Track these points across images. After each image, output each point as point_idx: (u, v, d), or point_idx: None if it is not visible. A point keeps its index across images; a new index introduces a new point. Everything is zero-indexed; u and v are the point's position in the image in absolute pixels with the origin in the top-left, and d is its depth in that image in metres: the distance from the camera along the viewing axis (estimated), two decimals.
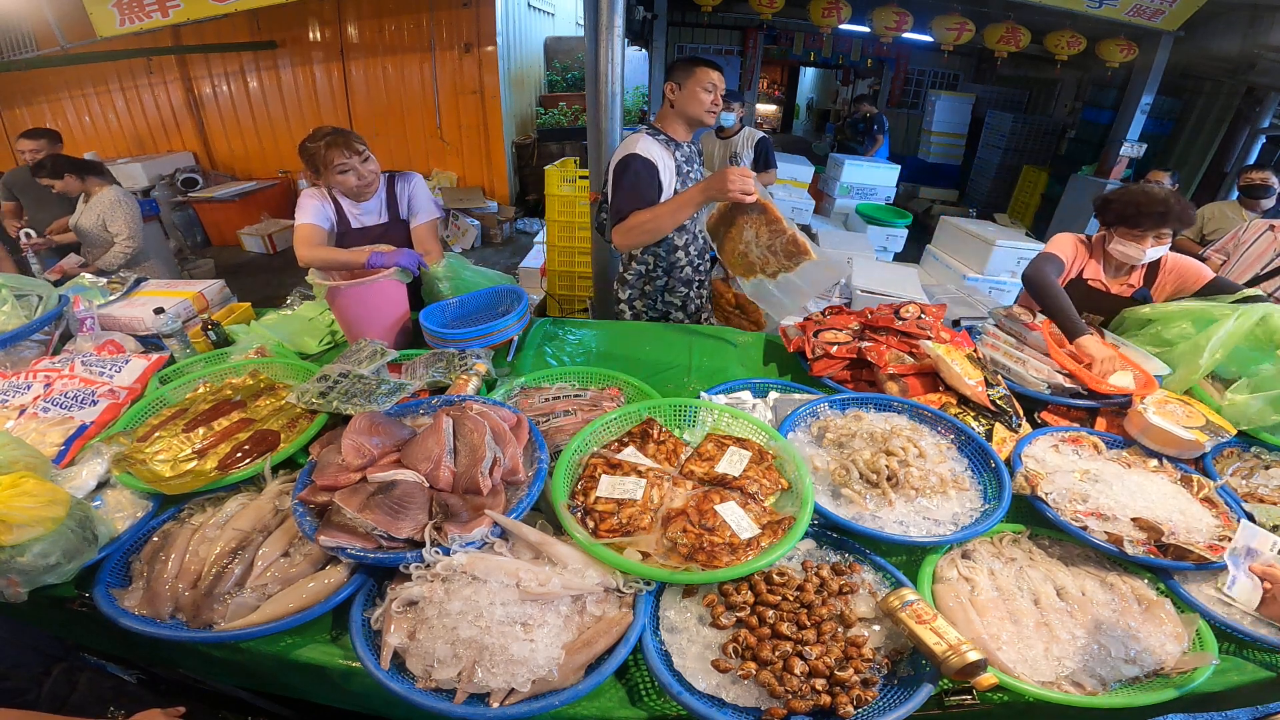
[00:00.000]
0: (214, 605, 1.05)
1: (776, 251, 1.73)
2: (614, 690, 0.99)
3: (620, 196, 2.00)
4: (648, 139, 2.04)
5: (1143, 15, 5.11)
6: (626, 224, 1.93)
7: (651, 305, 2.32)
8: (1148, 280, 2.10)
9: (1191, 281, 2.03)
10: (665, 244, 2.21)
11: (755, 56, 7.80)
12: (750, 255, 1.78)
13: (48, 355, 1.77)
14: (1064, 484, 1.32)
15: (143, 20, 4.74)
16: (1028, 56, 6.09)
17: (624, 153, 2.02)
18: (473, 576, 1.01)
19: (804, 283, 1.72)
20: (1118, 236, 2.01)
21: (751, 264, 1.79)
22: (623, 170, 2.00)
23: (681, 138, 2.14)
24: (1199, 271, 2.03)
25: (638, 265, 2.27)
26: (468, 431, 1.22)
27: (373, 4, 6.60)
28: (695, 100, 2.03)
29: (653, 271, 2.26)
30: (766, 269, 1.76)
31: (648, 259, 2.24)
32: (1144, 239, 1.96)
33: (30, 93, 7.08)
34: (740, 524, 1.11)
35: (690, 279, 2.33)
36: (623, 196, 1.98)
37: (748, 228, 1.78)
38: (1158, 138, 6.49)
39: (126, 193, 3.25)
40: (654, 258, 2.24)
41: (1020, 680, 0.97)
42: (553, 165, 4.39)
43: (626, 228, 1.93)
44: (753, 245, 1.77)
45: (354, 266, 1.98)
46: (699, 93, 2.02)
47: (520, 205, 7.56)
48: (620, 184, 2.01)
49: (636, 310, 2.34)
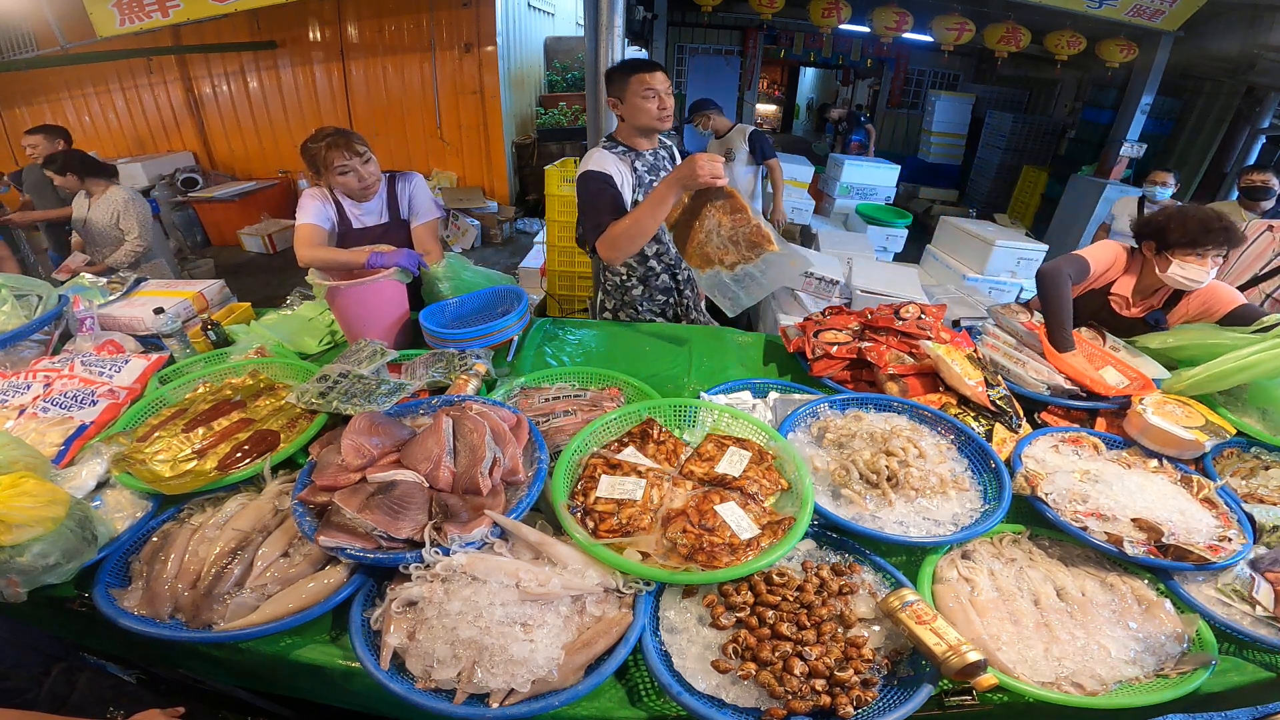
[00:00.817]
0: (213, 605, 1.05)
1: (738, 242, 1.67)
2: (614, 690, 0.99)
3: (587, 215, 1.96)
4: (602, 152, 2.01)
5: (1143, 15, 5.12)
6: (608, 235, 1.85)
7: (634, 315, 2.31)
8: (1169, 303, 1.99)
9: (1220, 305, 1.90)
10: (636, 255, 2.17)
11: (755, 56, 7.82)
12: (708, 247, 1.72)
13: (47, 355, 1.77)
14: (1064, 484, 1.32)
15: (143, 20, 4.75)
16: (1028, 56, 6.10)
17: (580, 172, 1.99)
18: (472, 577, 1.01)
19: (763, 276, 1.66)
20: (1178, 259, 1.83)
21: (708, 256, 1.72)
22: (582, 189, 1.96)
23: (642, 146, 2.08)
24: (1230, 296, 1.90)
25: (613, 276, 2.26)
26: (468, 432, 1.22)
27: (373, 4, 6.60)
28: (639, 110, 1.95)
29: (627, 282, 2.25)
30: (725, 260, 1.69)
31: (621, 270, 2.23)
32: (1205, 259, 1.81)
33: (30, 93, 7.08)
34: (740, 524, 1.11)
35: (669, 286, 2.29)
36: (589, 214, 1.94)
37: (710, 217, 1.71)
38: (1158, 138, 6.49)
39: (136, 193, 3.30)
40: (627, 269, 2.22)
41: (1020, 680, 0.97)
42: (553, 165, 4.39)
43: (609, 239, 1.84)
44: (713, 235, 1.70)
45: (354, 267, 1.98)
46: (640, 102, 1.94)
47: (520, 205, 7.56)
48: (584, 204, 1.97)
49: (620, 320, 2.34)
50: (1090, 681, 0.99)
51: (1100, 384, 1.65)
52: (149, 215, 3.29)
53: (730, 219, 1.68)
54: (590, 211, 1.94)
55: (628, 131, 2.07)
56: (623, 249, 1.84)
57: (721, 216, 1.70)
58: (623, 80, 1.95)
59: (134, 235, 3.18)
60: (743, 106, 8.60)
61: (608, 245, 1.85)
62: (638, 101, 1.94)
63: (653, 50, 6.84)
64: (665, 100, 1.96)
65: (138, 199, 3.26)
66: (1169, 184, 4.00)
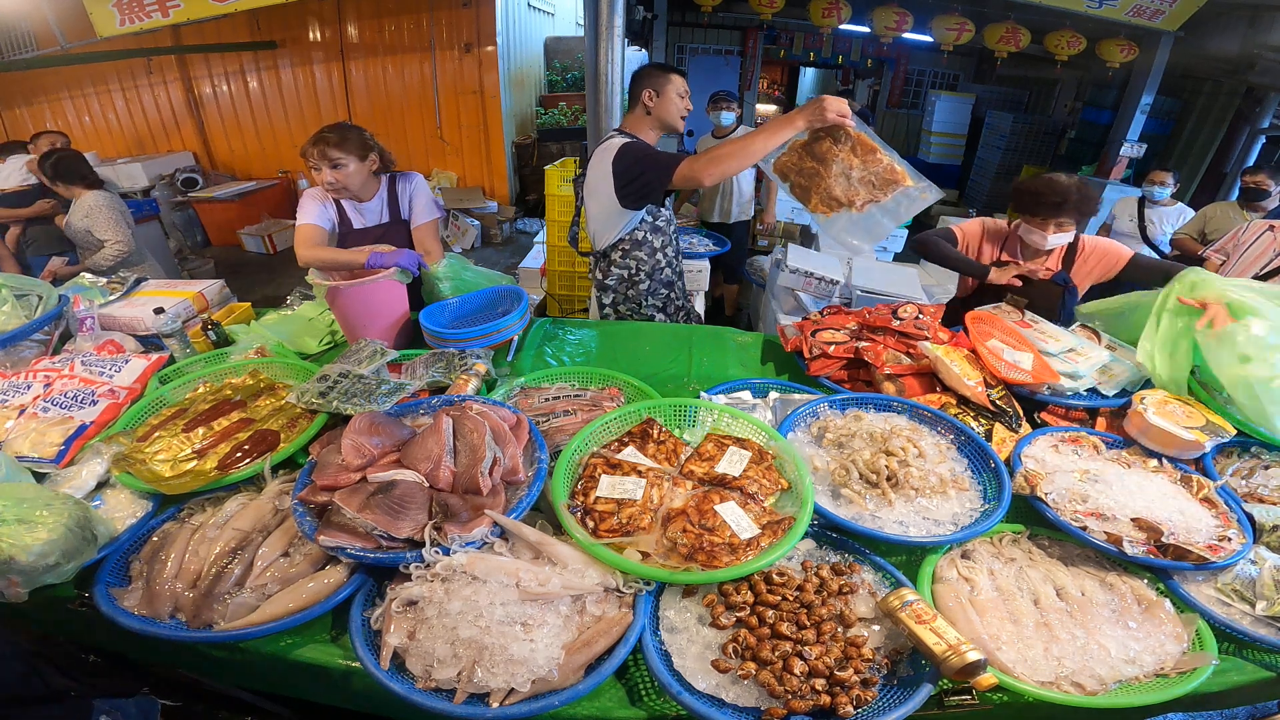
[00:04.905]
0: (214, 605, 1.05)
1: (870, 182, 1.69)
2: (614, 690, 0.99)
3: (651, 165, 1.97)
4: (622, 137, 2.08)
5: (1143, 15, 5.12)
6: (711, 155, 1.80)
7: (635, 309, 2.33)
8: (1066, 264, 2.19)
9: (1113, 263, 2.14)
10: (646, 247, 2.23)
11: (755, 56, 7.80)
12: (836, 190, 1.72)
13: (48, 355, 1.77)
14: (1064, 484, 1.32)
15: (143, 20, 4.74)
16: (1028, 56, 6.09)
17: (615, 148, 2.03)
18: (472, 576, 1.01)
19: (886, 215, 1.71)
20: (1024, 224, 2.15)
21: (837, 198, 1.72)
22: (632, 153, 2.01)
23: (651, 140, 2.15)
24: (1119, 252, 2.14)
25: (618, 270, 2.27)
26: (468, 431, 1.22)
27: (373, 4, 6.60)
28: (673, 106, 2.10)
29: (634, 275, 2.27)
30: (855, 201, 1.70)
31: (629, 264, 2.25)
32: (1046, 226, 2.07)
33: (30, 93, 7.09)
34: (740, 524, 1.11)
35: (670, 280, 2.35)
36: (650, 164, 1.97)
37: (838, 160, 1.71)
38: (1158, 138, 6.48)
39: (111, 196, 3.22)
40: (635, 262, 2.25)
41: (1020, 680, 0.97)
42: (553, 165, 4.38)
43: (714, 158, 1.79)
44: (842, 177, 1.71)
45: (354, 267, 1.98)
46: (676, 99, 2.09)
47: (520, 205, 7.56)
48: (641, 161, 1.99)
49: (621, 314, 2.35)
50: (1090, 681, 0.99)
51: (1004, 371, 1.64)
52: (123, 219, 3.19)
53: (860, 160, 1.69)
54: (650, 161, 1.99)
55: (645, 125, 2.14)
56: (724, 168, 1.82)
57: (850, 158, 1.70)
58: (664, 78, 2.09)
59: (110, 241, 3.10)
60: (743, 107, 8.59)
61: (711, 162, 1.80)
62: (674, 99, 2.10)
63: (653, 50, 6.83)
64: (688, 104, 2.14)
65: (114, 204, 3.18)
66: (1169, 184, 3.99)
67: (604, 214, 2.17)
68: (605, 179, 2.07)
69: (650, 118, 2.12)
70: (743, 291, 4.83)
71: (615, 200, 2.08)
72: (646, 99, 2.10)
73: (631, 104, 2.17)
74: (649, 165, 1.98)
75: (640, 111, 2.13)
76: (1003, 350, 1.68)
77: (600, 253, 2.28)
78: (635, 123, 2.15)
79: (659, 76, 2.09)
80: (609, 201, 2.10)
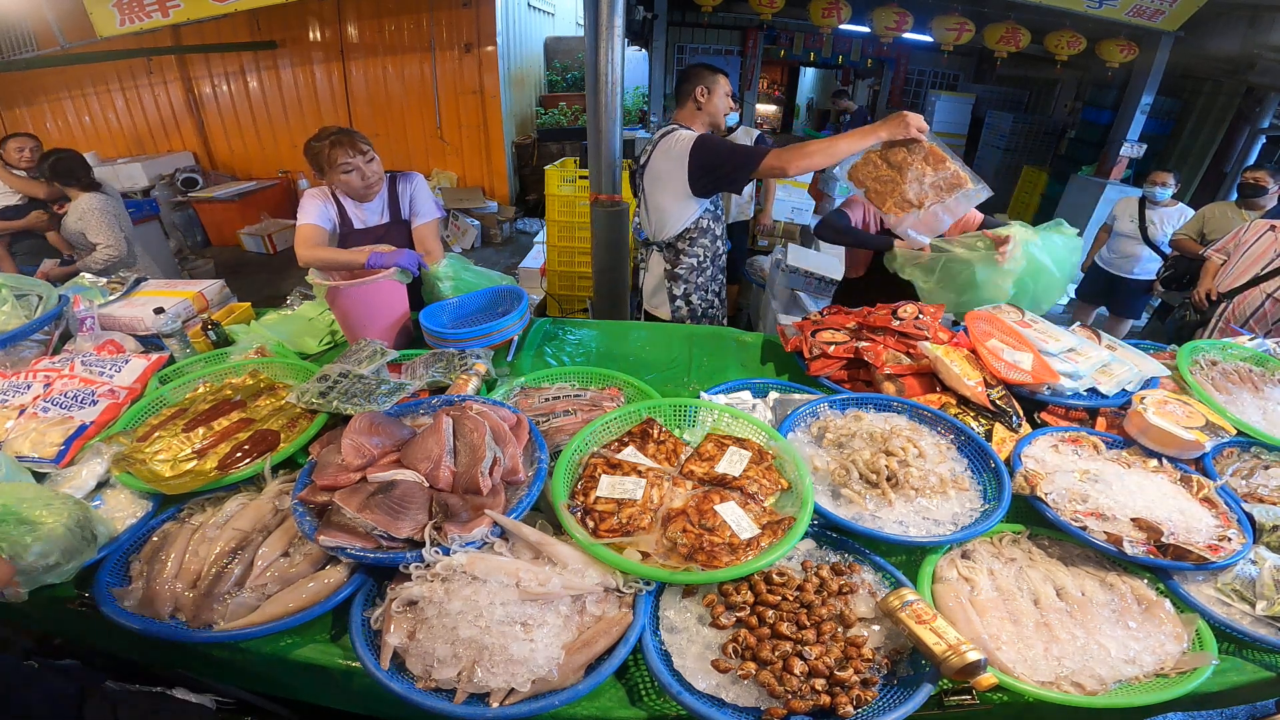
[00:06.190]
0: (214, 605, 1.05)
1: (939, 186, 1.91)
2: (614, 690, 0.99)
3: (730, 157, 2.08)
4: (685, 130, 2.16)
5: (1143, 15, 5.11)
6: (800, 150, 1.96)
7: (704, 298, 2.40)
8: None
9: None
10: (709, 235, 2.32)
11: (755, 56, 7.79)
12: (910, 194, 1.93)
13: (48, 355, 1.77)
14: (1064, 484, 1.32)
15: (143, 20, 4.74)
16: (1028, 56, 6.08)
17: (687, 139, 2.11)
18: (472, 576, 1.01)
19: (946, 212, 1.95)
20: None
21: (910, 201, 1.94)
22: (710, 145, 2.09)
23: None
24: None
25: (688, 259, 2.32)
26: (468, 431, 1.22)
27: (373, 4, 6.60)
28: (722, 104, 2.22)
29: (703, 263, 2.35)
30: (925, 202, 1.93)
31: (698, 251, 2.32)
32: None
33: (30, 93, 7.09)
34: (740, 524, 1.11)
35: (723, 266, 2.47)
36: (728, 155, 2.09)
37: (913, 167, 1.92)
38: (1158, 138, 6.48)
39: (106, 199, 3.20)
40: (703, 249, 2.32)
41: (1020, 680, 0.97)
42: (553, 165, 4.39)
43: (804, 152, 1.95)
44: (916, 183, 1.92)
45: (354, 267, 1.98)
46: (724, 98, 2.22)
47: (520, 205, 7.56)
48: (720, 153, 2.10)
49: (692, 305, 2.40)
50: (1090, 681, 0.99)
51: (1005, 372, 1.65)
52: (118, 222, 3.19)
53: (933, 168, 1.91)
54: (733, 153, 2.09)
55: (697, 119, 2.24)
56: (810, 163, 1.97)
57: (924, 166, 1.92)
58: (715, 77, 2.21)
59: (102, 244, 3.10)
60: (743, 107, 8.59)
61: (800, 156, 1.95)
62: (722, 98, 2.23)
63: (652, 50, 6.82)
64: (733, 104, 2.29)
65: (106, 206, 3.16)
66: (1169, 184, 3.99)
67: (674, 203, 2.23)
68: (679, 168, 2.13)
69: (701, 113, 2.21)
70: (743, 291, 4.83)
71: (688, 189, 2.15)
72: (699, 95, 2.18)
73: (680, 100, 2.25)
74: (731, 156, 2.07)
75: (691, 107, 2.22)
76: (1002, 350, 1.69)
77: (665, 243, 2.33)
78: (687, 118, 2.23)
79: (710, 75, 2.19)
80: (680, 189, 2.16)
